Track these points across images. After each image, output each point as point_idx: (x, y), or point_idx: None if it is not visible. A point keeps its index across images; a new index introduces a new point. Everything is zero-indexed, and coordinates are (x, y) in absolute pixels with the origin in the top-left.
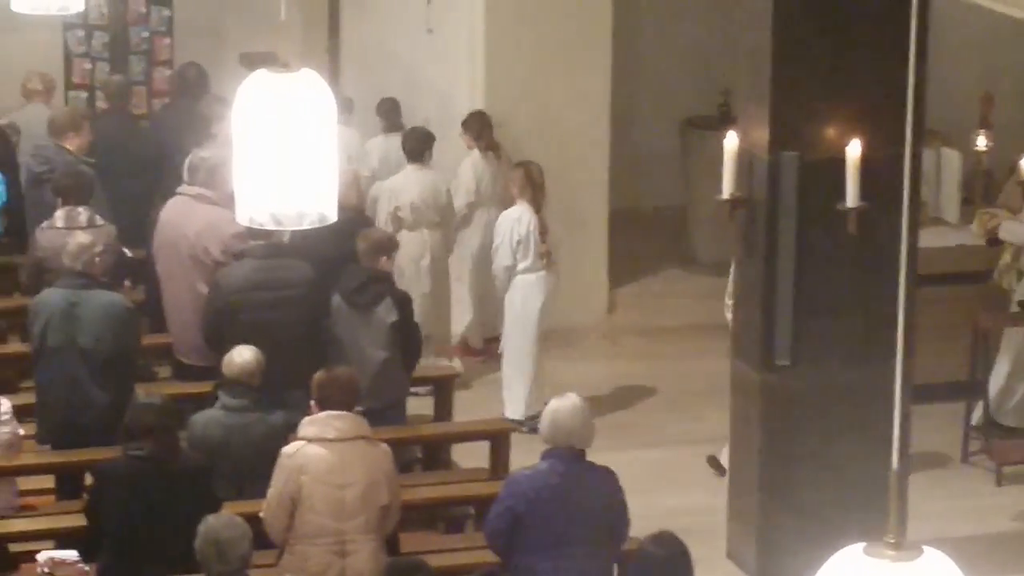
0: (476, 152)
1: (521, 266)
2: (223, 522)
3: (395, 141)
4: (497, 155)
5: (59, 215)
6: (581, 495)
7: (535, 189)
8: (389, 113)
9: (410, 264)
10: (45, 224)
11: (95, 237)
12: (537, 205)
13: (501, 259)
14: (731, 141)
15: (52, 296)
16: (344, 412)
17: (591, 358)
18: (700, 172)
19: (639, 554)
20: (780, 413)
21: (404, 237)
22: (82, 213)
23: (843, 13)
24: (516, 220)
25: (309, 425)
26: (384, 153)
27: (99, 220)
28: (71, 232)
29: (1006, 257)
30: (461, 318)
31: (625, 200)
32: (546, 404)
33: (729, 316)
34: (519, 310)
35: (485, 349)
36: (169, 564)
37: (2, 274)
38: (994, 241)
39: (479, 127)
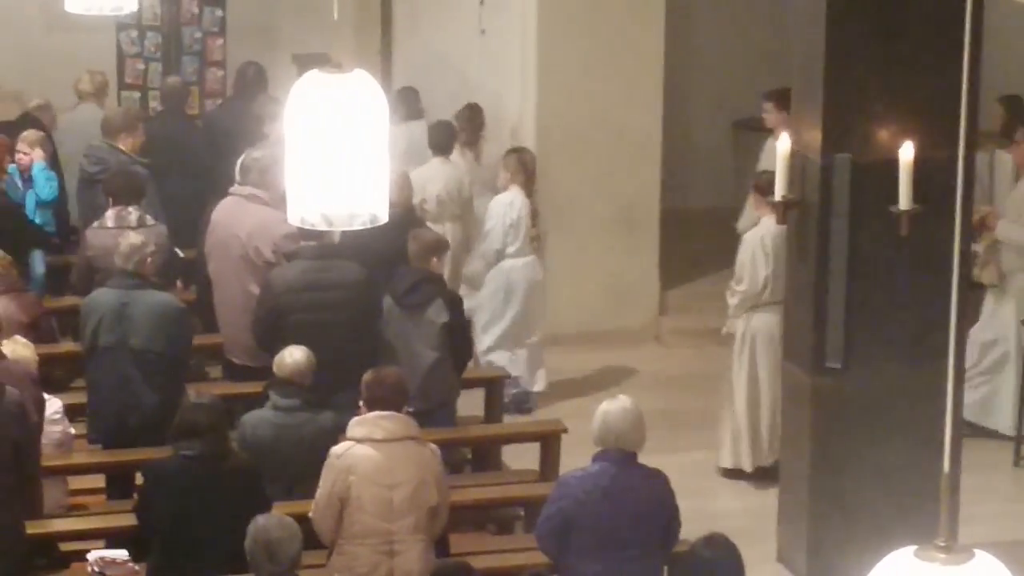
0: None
1: (510, 250)
2: (273, 522)
3: (417, 128)
4: (476, 154)
5: (110, 215)
6: (632, 497)
7: (527, 175)
8: (409, 100)
9: None
10: (96, 224)
11: (146, 237)
12: (528, 190)
13: (491, 242)
14: (783, 143)
15: (104, 296)
16: (393, 412)
17: (642, 360)
18: (753, 174)
19: (689, 556)
20: (831, 415)
21: None
22: (132, 213)
23: (896, 14)
24: (508, 204)
25: (358, 426)
26: (408, 141)
27: (150, 220)
28: (122, 232)
29: (982, 253)
30: None
31: (677, 201)
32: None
33: (732, 301)
34: (501, 292)
35: None
36: (218, 564)
37: (55, 274)
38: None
39: (464, 122)
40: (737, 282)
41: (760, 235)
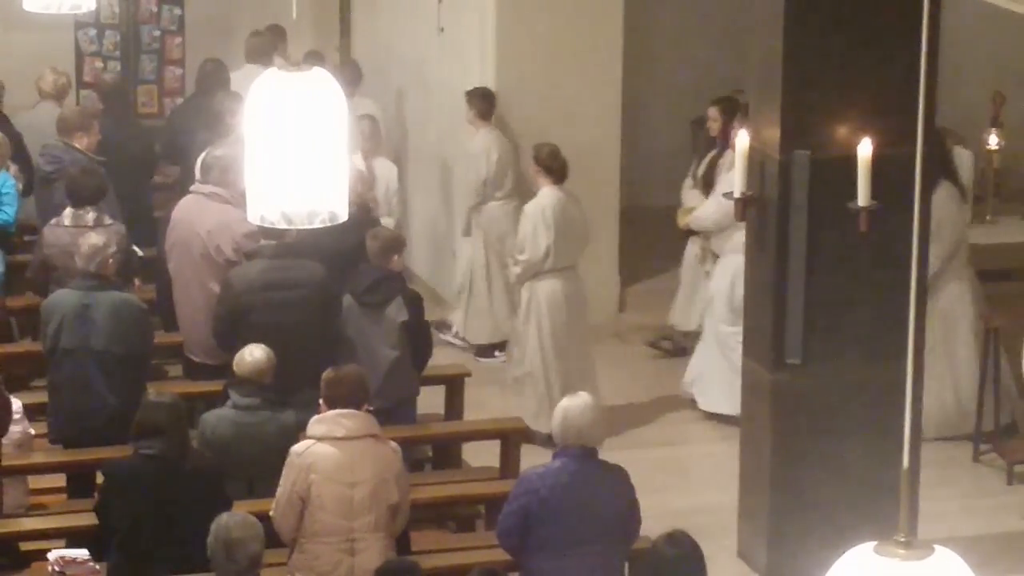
0: None
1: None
2: (235, 522)
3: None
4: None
5: (67, 214)
6: (593, 493)
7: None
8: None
9: None
10: (53, 221)
11: (107, 237)
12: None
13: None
14: (742, 140)
15: (65, 297)
16: (353, 411)
17: (602, 356)
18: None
19: (652, 554)
20: (791, 411)
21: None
22: (89, 212)
23: (854, 12)
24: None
25: (318, 424)
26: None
27: (107, 220)
28: (80, 231)
29: (695, 248)
30: None
31: (636, 198)
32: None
33: (515, 270)
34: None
35: None
36: (179, 563)
37: (15, 272)
38: (691, 232)
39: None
40: (519, 252)
41: (541, 206)
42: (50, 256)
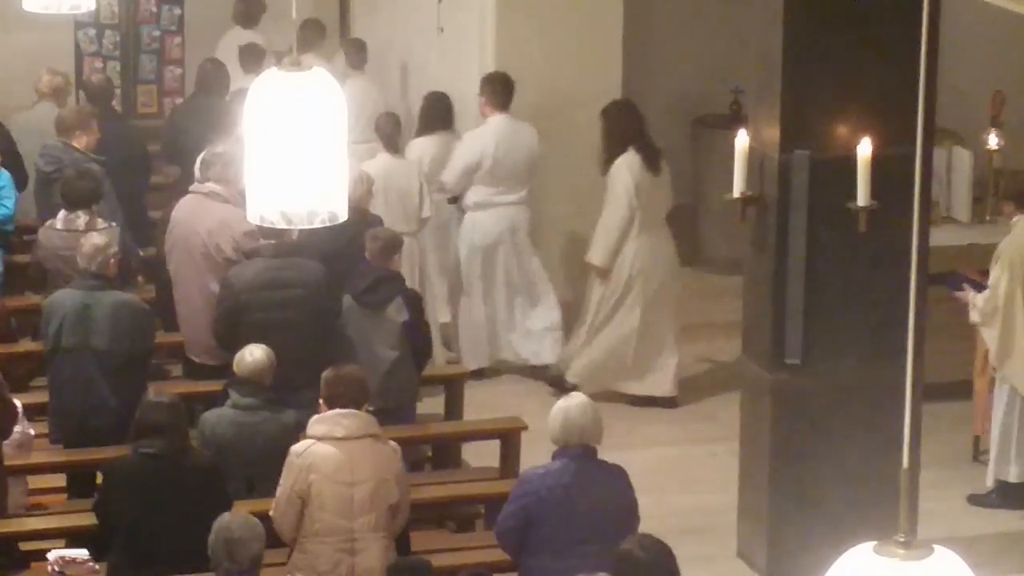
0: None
1: None
2: (237, 521)
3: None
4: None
5: (60, 216)
6: (592, 494)
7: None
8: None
9: None
10: (48, 223)
11: (109, 237)
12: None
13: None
14: (742, 139)
15: (66, 297)
16: (353, 410)
17: None
18: (711, 171)
19: (622, 556)
20: (790, 411)
21: None
22: (80, 216)
23: (854, 12)
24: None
25: (318, 423)
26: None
27: (101, 223)
28: (72, 235)
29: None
30: None
31: None
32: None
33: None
34: None
35: None
36: (179, 562)
37: (13, 272)
38: None
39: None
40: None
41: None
42: (44, 259)
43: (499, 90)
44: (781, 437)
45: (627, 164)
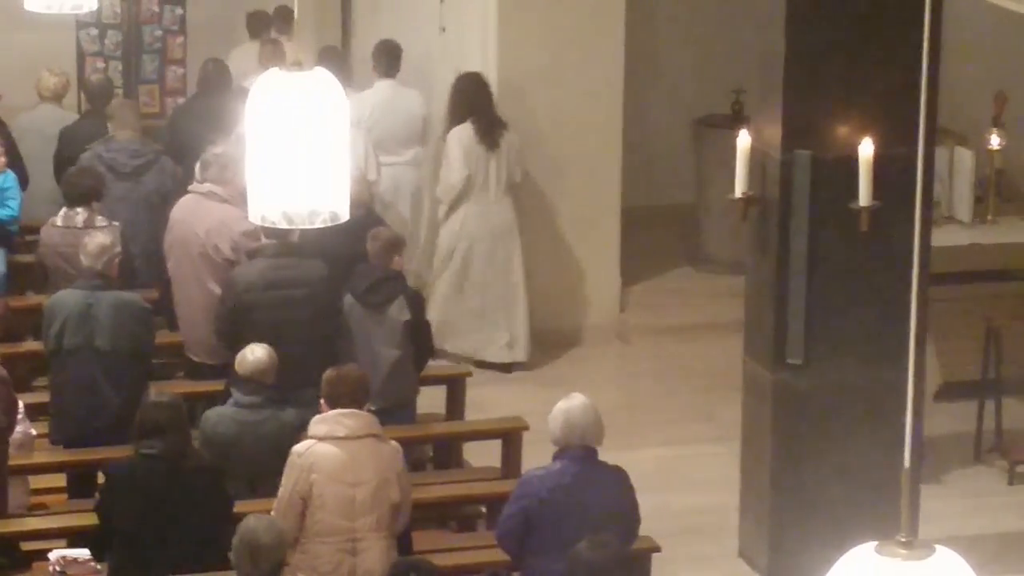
0: None
1: None
2: (263, 527)
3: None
4: None
5: (60, 213)
6: (593, 494)
7: None
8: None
9: None
10: (49, 221)
11: (114, 237)
12: None
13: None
14: (743, 140)
15: (69, 297)
16: (354, 410)
17: (603, 357)
18: (712, 170)
19: (572, 555)
20: (792, 412)
21: None
22: (80, 214)
23: (856, 12)
24: None
25: (319, 423)
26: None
27: (100, 221)
28: (70, 230)
29: None
30: None
31: (637, 198)
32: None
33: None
34: None
35: None
36: (180, 563)
37: (16, 273)
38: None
39: None
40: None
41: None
42: (44, 256)
43: (383, 60)
44: (782, 437)
45: (459, 134)
